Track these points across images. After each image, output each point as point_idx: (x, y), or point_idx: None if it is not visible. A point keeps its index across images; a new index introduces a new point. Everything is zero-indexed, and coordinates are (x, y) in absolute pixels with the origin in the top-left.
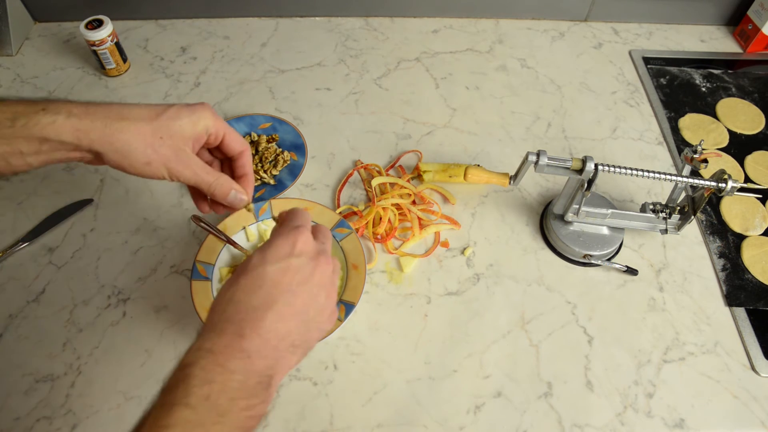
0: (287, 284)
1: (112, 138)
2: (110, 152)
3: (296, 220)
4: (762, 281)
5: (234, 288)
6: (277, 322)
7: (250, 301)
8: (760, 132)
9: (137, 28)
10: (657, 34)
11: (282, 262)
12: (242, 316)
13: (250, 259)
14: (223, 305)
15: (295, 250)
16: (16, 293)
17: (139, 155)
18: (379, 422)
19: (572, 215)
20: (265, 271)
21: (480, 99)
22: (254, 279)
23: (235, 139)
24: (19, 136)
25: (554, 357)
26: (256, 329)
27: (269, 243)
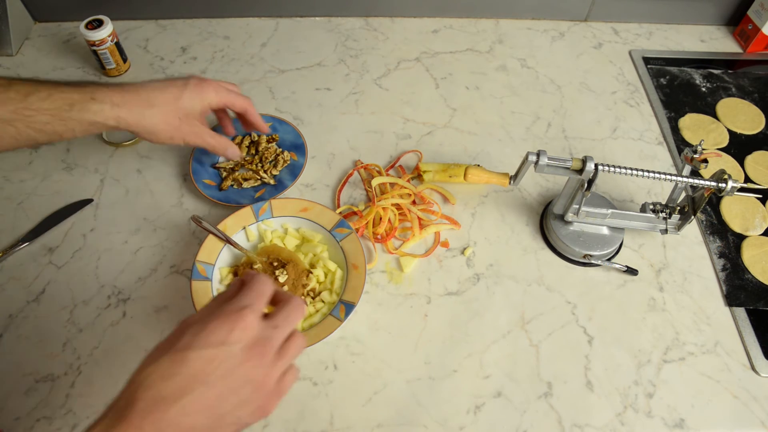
0: (206, 375)
1: (144, 122)
2: (143, 132)
3: (246, 298)
4: (762, 281)
5: (152, 368)
6: (182, 416)
7: (159, 390)
8: (760, 132)
9: (137, 28)
10: (657, 34)
11: (208, 350)
12: (146, 405)
13: (183, 333)
14: (136, 385)
15: (230, 338)
16: (16, 293)
17: (164, 134)
18: (379, 422)
19: (572, 215)
20: (186, 357)
21: (480, 99)
22: (173, 363)
23: (235, 103)
24: (74, 119)
25: (554, 357)
26: (155, 422)
27: (205, 323)
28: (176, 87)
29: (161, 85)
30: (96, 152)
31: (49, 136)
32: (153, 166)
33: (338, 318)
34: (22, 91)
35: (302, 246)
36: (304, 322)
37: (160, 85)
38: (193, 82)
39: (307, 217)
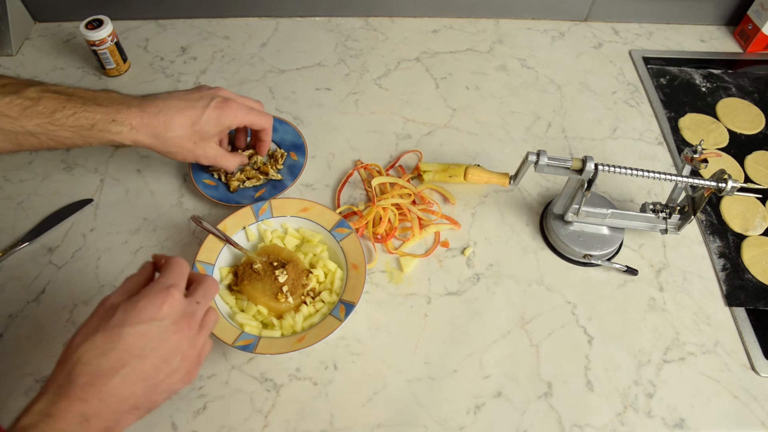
0: (140, 349)
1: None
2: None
3: (170, 278)
4: (762, 281)
5: (87, 346)
6: (122, 387)
7: (98, 364)
8: (760, 132)
9: (137, 28)
10: (657, 34)
11: (141, 326)
12: (86, 380)
13: (111, 313)
14: (72, 363)
15: (160, 314)
16: (16, 293)
17: (178, 156)
18: (379, 422)
19: (572, 215)
20: (121, 333)
21: (480, 99)
22: (108, 340)
23: (254, 123)
24: (94, 138)
25: (554, 357)
26: (97, 394)
27: (135, 302)
28: (196, 109)
29: (183, 104)
30: (96, 152)
31: (66, 146)
32: (153, 166)
33: (338, 318)
34: (50, 107)
35: (302, 246)
36: (304, 322)
37: (182, 104)
38: (215, 104)
39: (307, 217)
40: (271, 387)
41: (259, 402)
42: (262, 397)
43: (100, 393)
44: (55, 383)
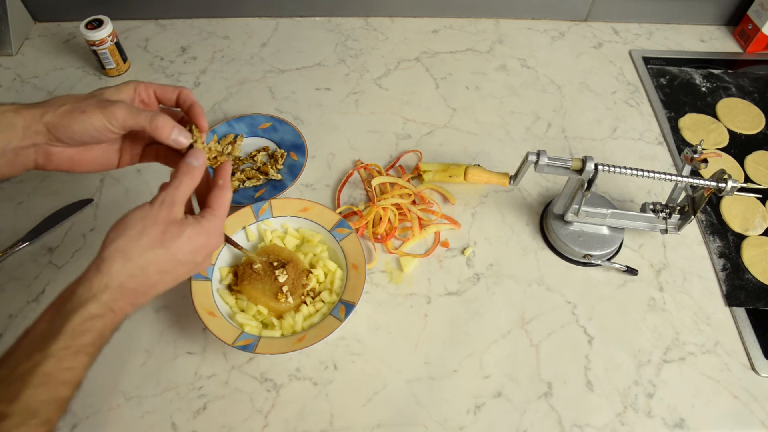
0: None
1: (48, 104)
2: (50, 116)
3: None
4: (762, 281)
5: (152, 256)
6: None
7: (153, 279)
8: (760, 132)
9: (137, 28)
10: (657, 34)
11: (191, 254)
12: (142, 290)
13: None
14: (138, 268)
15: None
16: (16, 293)
17: (74, 110)
18: (379, 422)
19: (572, 215)
20: (179, 262)
21: (480, 99)
22: (168, 262)
23: (166, 88)
24: None
25: (554, 357)
26: (136, 301)
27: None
28: None
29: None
30: None
31: None
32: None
33: (338, 318)
34: None
35: (302, 246)
36: (304, 322)
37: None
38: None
39: (307, 217)
40: (271, 387)
41: (259, 402)
42: (262, 397)
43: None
44: (119, 280)
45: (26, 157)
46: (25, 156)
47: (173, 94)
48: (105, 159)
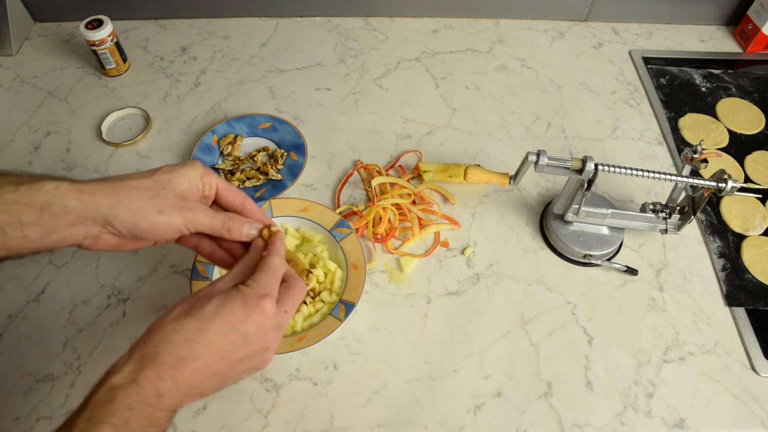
0: (221, 348)
1: (120, 196)
2: (121, 211)
3: (266, 285)
4: (762, 281)
5: (176, 326)
6: (193, 376)
7: (179, 349)
8: (760, 132)
9: (137, 28)
10: (657, 34)
11: (227, 326)
12: (167, 360)
13: (208, 300)
14: (159, 337)
15: (247, 321)
16: (16, 293)
17: (150, 207)
18: (379, 422)
19: (572, 215)
20: (207, 328)
21: (480, 99)
22: (195, 330)
23: (230, 189)
24: (21, 202)
25: (554, 357)
26: (173, 377)
27: (230, 299)
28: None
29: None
30: (96, 152)
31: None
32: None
33: (338, 318)
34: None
35: (302, 246)
36: (304, 322)
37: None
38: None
39: (307, 217)
40: (271, 387)
41: (259, 402)
42: (262, 397)
43: (175, 377)
44: (142, 351)
45: (71, 242)
46: (70, 241)
47: (237, 199)
48: (145, 244)
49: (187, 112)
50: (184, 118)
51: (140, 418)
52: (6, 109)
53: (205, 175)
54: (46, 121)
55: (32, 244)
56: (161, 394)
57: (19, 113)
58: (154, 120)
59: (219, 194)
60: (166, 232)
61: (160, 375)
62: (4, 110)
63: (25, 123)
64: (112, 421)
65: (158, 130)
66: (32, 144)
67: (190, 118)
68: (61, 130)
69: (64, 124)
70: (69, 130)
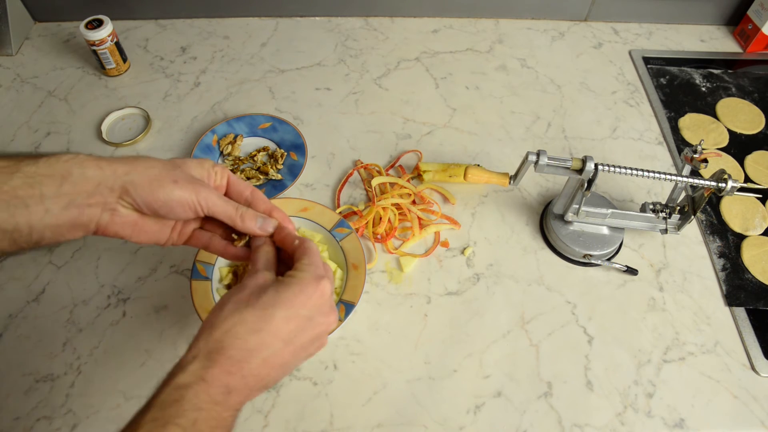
0: (286, 334)
1: (136, 164)
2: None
3: (320, 266)
4: (762, 281)
5: (237, 318)
6: (261, 367)
7: (246, 341)
8: (760, 132)
9: (137, 28)
10: (657, 34)
11: (291, 311)
12: (234, 354)
13: (263, 290)
14: (223, 331)
15: (310, 303)
16: (16, 293)
17: (165, 177)
18: (379, 422)
19: (572, 215)
20: (272, 315)
21: (480, 99)
22: (258, 319)
23: (240, 180)
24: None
25: (554, 357)
26: (241, 370)
27: (288, 285)
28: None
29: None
30: (96, 152)
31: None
32: None
33: (338, 318)
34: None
35: None
36: None
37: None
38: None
39: (307, 217)
40: (271, 387)
41: (259, 402)
42: (262, 397)
43: (243, 370)
44: (206, 348)
45: (89, 217)
46: (88, 215)
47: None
48: (159, 233)
49: (187, 112)
50: (184, 118)
51: (208, 418)
52: (6, 109)
53: (215, 165)
54: (46, 121)
55: (52, 219)
56: (230, 391)
57: (19, 113)
58: (154, 120)
59: (230, 185)
60: (182, 207)
61: (229, 370)
62: (4, 110)
63: (25, 123)
64: (179, 423)
65: (158, 130)
66: (32, 144)
67: (190, 118)
68: (61, 130)
69: (64, 124)
70: (69, 130)
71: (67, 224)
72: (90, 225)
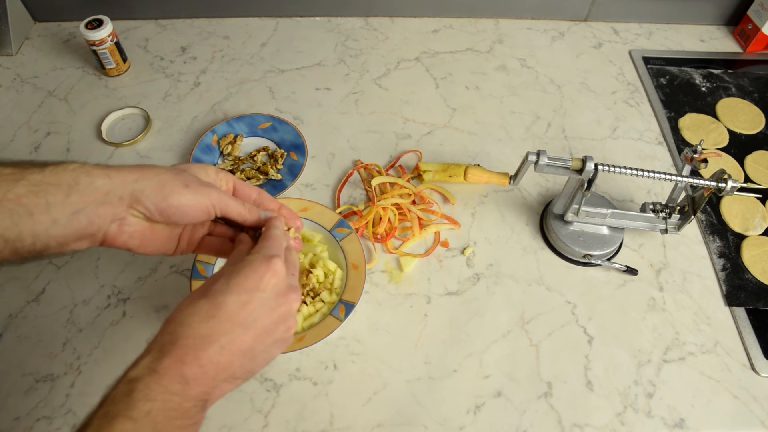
0: (242, 319)
1: (145, 171)
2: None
3: (272, 247)
4: (762, 281)
5: (191, 309)
6: (220, 355)
7: (199, 329)
8: (760, 132)
9: (137, 28)
10: (657, 34)
11: (244, 295)
12: (188, 342)
13: (216, 280)
14: (176, 324)
15: (262, 284)
16: (16, 293)
17: (175, 181)
18: (379, 422)
19: (572, 215)
20: (223, 301)
21: (480, 99)
22: (210, 306)
23: (246, 184)
24: (48, 181)
25: (554, 357)
26: (197, 359)
27: (239, 269)
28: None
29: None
30: (96, 152)
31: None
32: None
33: (338, 318)
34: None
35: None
36: (304, 322)
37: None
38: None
39: (307, 217)
40: (271, 387)
41: (259, 402)
42: (262, 397)
43: (200, 359)
44: (159, 342)
45: (98, 227)
46: (97, 225)
47: (253, 193)
48: (167, 243)
49: (187, 112)
50: (184, 118)
51: (164, 409)
52: (6, 109)
53: (219, 171)
54: (46, 121)
55: (59, 230)
56: (187, 381)
57: (19, 113)
58: (154, 120)
59: (236, 190)
60: (195, 211)
61: (182, 359)
62: (4, 110)
63: (25, 123)
64: (130, 415)
65: (158, 130)
66: (32, 144)
67: (190, 118)
68: (61, 130)
69: (64, 124)
70: (69, 130)
71: (74, 235)
72: (98, 235)
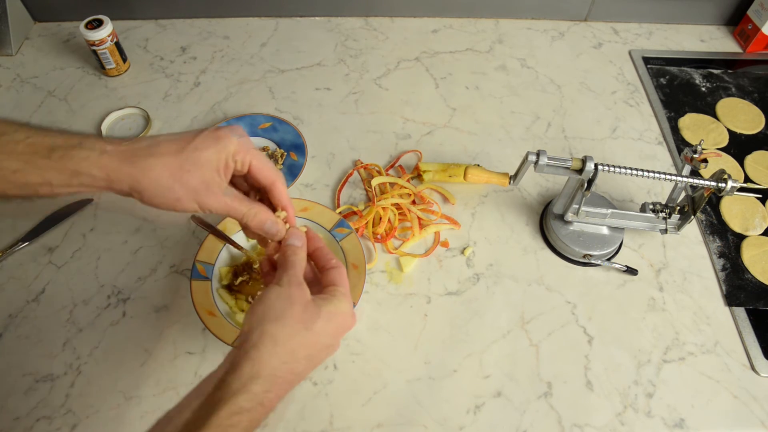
0: (321, 359)
1: (141, 176)
2: (141, 191)
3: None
4: (762, 281)
5: (300, 341)
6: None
7: (298, 365)
8: (760, 132)
9: (137, 28)
10: (657, 34)
11: (330, 340)
12: (289, 378)
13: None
14: (288, 351)
15: (335, 342)
16: (16, 293)
17: (168, 192)
18: (379, 422)
19: (572, 215)
20: (318, 342)
21: (480, 99)
22: (312, 345)
23: (264, 168)
24: (53, 168)
25: (554, 357)
26: (283, 393)
27: (335, 315)
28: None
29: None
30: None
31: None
32: None
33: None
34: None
35: None
36: None
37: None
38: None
39: (307, 217)
40: None
41: None
42: None
43: (284, 392)
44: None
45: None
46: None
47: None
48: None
49: (187, 112)
50: (184, 118)
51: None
52: (6, 109)
53: (238, 153)
54: (46, 121)
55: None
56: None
57: (19, 113)
58: (154, 120)
59: (252, 172)
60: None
61: (280, 394)
62: (4, 110)
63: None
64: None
65: (158, 130)
66: None
67: (190, 118)
68: None
69: (64, 124)
70: None
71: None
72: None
